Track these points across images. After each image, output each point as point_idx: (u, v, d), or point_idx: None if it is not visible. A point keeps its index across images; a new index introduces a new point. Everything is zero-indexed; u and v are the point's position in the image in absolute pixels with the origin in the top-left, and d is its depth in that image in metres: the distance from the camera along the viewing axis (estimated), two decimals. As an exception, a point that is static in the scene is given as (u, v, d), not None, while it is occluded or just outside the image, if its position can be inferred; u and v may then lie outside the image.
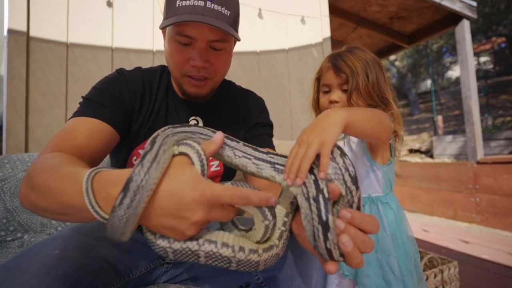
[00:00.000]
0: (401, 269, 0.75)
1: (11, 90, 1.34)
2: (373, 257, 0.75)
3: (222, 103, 0.82)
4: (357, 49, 0.88)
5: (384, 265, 0.75)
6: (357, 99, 0.82)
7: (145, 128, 0.72)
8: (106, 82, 0.69)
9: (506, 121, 8.27)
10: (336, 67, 0.84)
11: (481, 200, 2.94)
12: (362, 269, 0.74)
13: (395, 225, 0.81)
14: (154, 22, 1.68)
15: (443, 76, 13.77)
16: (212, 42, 0.65)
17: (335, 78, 0.85)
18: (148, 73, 0.75)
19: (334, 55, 0.88)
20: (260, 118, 0.85)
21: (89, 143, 0.57)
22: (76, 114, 0.62)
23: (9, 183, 0.98)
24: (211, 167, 0.80)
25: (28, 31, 1.39)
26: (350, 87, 0.81)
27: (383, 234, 0.78)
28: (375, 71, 0.83)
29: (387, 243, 0.77)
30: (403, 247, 0.79)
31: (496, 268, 1.81)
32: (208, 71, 0.68)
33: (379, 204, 0.82)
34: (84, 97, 0.66)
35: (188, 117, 0.76)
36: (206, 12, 0.60)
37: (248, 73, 1.92)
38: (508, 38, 10.68)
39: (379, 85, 0.83)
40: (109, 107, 0.64)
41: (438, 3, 2.90)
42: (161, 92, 0.75)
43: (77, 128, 0.58)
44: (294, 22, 2.10)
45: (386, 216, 0.81)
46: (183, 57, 0.65)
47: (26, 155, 1.06)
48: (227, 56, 0.71)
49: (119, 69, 0.73)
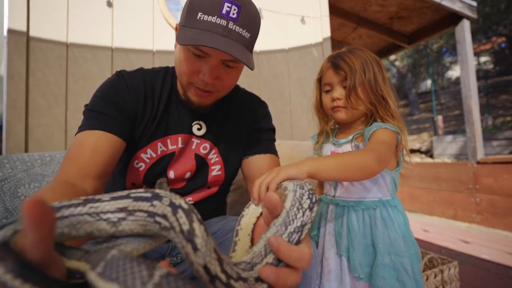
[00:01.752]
0: (414, 269, 0.77)
1: (11, 90, 1.34)
2: (387, 260, 0.76)
3: (226, 108, 0.81)
4: (357, 49, 0.89)
5: (398, 266, 0.76)
6: (355, 97, 0.83)
7: (148, 132, 0.71)
8: (107, 89, 0.68)
9: (506, 121, 8.27)
10: (335, 65, 0.86)
11: (481, 200, 2.94)
12: (377, 271, 0.75)
13: (405, 227, 0.82)
14: (154, 22, 1.68)
15: (443, 76, 13.76)
16: (226, 61, 0.64)
17: (335, 75, 0.86)
18: (150, 75, 0.74)
19: (334, 55, 0.90)
20: (263, 122, 0.85)
21: (95, 159, 0.58)
22: (81, 128, 0.63)
23: (9, 183, 0.98)
24: (212, 171, 0.79)
25: (28, 31, 1.39)
26: (349, 84, 0.82)
27: (395, 236, 0.79)
28: (373, 69, 0.84)
29: (399, 244, 0.78)
30: (413, 247, 0.80)
31: (496, 268, 1.81)
32: (215, 86, 0.67)
33: (389, 208, 0.83)
34: (86, 108, 0.66)
35: (191, 122, 0.76)
36: (227, 33, 0.59)
37: (248, 73, 1.92)
38: (508, 38, 10.68)
39: (377, 83, 0.84)
40: (113, 116, 0.64)
41: (438, 3, 2.90)
42: (164, 95, 0.74)
43: (82, 145, 0.59)
44: (294, 22, 2.10)
45: (396, 219, 0.82)
46: (194, 68, 0.65)
47: (26, 155, 1.06)
48: (236, 73, 0.70)
49: (119, 71, 0.72)
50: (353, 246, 0.80)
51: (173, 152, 0.74)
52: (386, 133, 0.79)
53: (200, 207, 0.80)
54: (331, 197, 0.90)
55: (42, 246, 0.21)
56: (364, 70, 0.83)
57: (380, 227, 0.80)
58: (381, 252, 0.77)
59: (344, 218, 0.85)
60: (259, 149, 0.80)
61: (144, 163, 0.73)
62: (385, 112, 0.85)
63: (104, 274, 0.23)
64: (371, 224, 0.82)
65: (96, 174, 0.58)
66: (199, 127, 0.76)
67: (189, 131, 0.75)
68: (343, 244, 0.83)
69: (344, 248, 0.82)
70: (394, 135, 0.80)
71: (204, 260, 0.28)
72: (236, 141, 0.81)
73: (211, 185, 0.81)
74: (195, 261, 0.29)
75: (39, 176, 1.03)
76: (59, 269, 0.24)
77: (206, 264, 0.29)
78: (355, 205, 0.84)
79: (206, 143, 0.78)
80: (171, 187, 0.76)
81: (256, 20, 0.65)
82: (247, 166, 0.81)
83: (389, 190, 0.86)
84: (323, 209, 0.93)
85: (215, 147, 0.79)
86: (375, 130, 0.80)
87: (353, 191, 0.86)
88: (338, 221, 0.86)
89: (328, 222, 0.89)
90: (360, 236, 0.81)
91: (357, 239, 0.81)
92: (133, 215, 0.31)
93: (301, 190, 0.40)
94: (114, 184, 0.78)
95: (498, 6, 9.24)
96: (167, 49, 1.68)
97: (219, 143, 0.79)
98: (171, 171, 0.75)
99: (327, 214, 0.91)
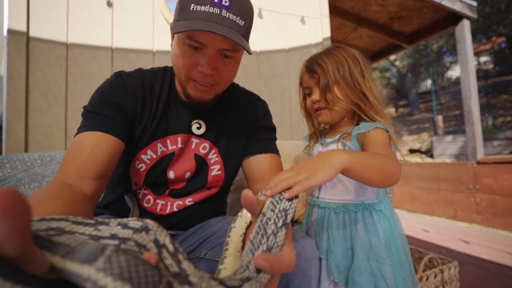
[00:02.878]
0: (395, 277, 0.74)
1: (11, 90, 1.34)
2: (365, 265, 0.74)
3: (225, 107, 0.81)
4: (333, 49, 0.88)
5: (376, 273, 0.73)
6: (331, 96, 0.83)
7: (147, 133, 0.71)
8: (104, 90, 0.67)
9: (506, 121, 8.27)
10: (309, 68, 0.87)
11: (481, 200, 2.94)
12: (353, 276, 0.73)
13: (389, 232, 0.79)
14: (154, 22, 1.68)
15: (443, 76, 13.77)
16: (223, 51, 0.64)
17: (311, 79, 0.87)
18: (149, 75, 0.74)
19: (309, 59, 0.90)
20: (263, 122, 0.84)
21: (94, 160, 0.58)
22: (80, 130, 0.62)
23: (9, 183, 0.98)
24: (212, 171, 0.79)
25: (28, 31, 1.39)
26: (322, 84, 0.83)
27: (376, 241, 0.77)
28: (348, 65, 0.84)
29: (381, 251, 0.75)
30: (397, 254, 0.77)
31: (496, 268, 1.81)
32: (214, 78, 0.67)
33: (373, 212, 0.81)
34: (85, 109, 0.66)
35: (190, 121, 0.76)
36: (221, 20, 0.59)
37: (248, 73, 1.92)
38: (508, 38, 10.67)
39: (354, 78, 0.83)
40: (111, 116, 0.64)
41: (438, 3, 2.90)
42: (163, 95, 0.73)
43: (81, 147, 0.59)
44: (294, 22, 2.10)
45: (380, 223, 0.80)
46: (191, 61, 0.64)
47: (26, 155, 1.06)
48: (235, 65, 0.70)
49: (118, 72, 0.71)
50: (331, 249, 0.79)
51: (173, 152, 0.74)
52: (382, 133, 0.77)
53: (200, 208, 0.80)
54: (315, 198, 0.89)
55: (16, 239, 0.19)
56: (338, 68, 0.83)
57: (360, 231, 0.78)
58: (359, 256, 0.75)
59: (324, 220, 0.84)
60: (260, 149, 0.80)
61: (145, 164, 0.73)
62: (368, 108, 0.84)
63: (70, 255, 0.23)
64: (351, 228, 0.80)
65: (95, 175, 0.58)
66: (198, 126, 0.76)
67: (188, 131, 0.75)
68: (323, 246, 0.81)
69: (323, 251, 0.81)
70: (381, 131, 0.78)
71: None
72: (236, 140, 0.81)
73: (211, 185, 0.81)
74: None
75: (39, 176, 1.03)
76: (40, 265, 0.22)
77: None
78: (335, 207, 0.83)
79: (205, 143, 0.77)
80: (172, 187, 0.76)
81: (248, 9, 0.65)
82: (248, 166, 0.80)
83: (375, 192, 0.83)
84: (309, 210, 0.92)
85: (215, 147, 0.79)
86: (369, 132, 0.78)
87: (335, 193, 0.84)
88: (319, 223, 0.86)
89: (311, 224, 0.89)
90: (340, 239, 0.80)
91: (336, 242, 0.79)
92: (125, 244, 0.31)
93: (271, 213, 0.40)
94: (114, 188, 0.78)
95: (498, 6, 9.24)
96: (167, 49, 1.68)
97: (219, 142, 0.79)
98: (171, 171, 0.75)
99: (311, 215, 0.90)
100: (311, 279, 0.56)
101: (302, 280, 0.54)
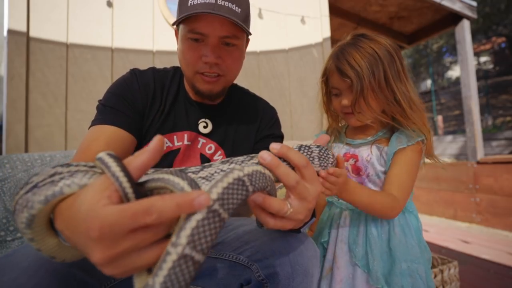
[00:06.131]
0: (427, 275, 0.74)
1: (11, 90, 1.34)
2: (404, 267, 0.73)
3: (232, 107, 0.82)
4: (365, 41, 0.79)
5: (414, 274, 0.73)
6: (364, 104, 0.76)
7: (155, 127, 0.72)
8: (119, 86, 0.70)
9: (506, 121, 8.27)
10: (340, 71, 0.77)
11: (481, 200, 2.94)
12: (395, 280, 0.72)
13: (419, 232, 0.79)
14: (154, 22, 1.68)
15: (443, 76, 13.77)
16: (224, 38, 0.66)
17: (342, 82, 0.78)
18: (161, 74, 0.77)
19: (338, 54, 0.80)
20: (272, 129, 0.85)
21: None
22: (94, 122, 0.65)
23: (9, 183, 0.98)
24: (213, 155, 0.78)
25: (28, 32, 1.39)
26: (355, 91, 0.74)
27: (411, 242, 0.75)
28: (383, 66, 0.75)
29: (416, 251, 0.75)
30: (426, 253, 0.77)
31: (496, 268, 1.81)
32: (220, 68, 0.69)
33: (406, 213, 0.80)
34: (100, 102, 0.68)
35: (198, 119, 0.77)
36: (217, 8, 0.62)
37: (248, 73, 1.92)
38: (508, 38, 10.68)
39: (388, 82, 0.76)
40: (125, 112, 0.67)
41: (438, 3, 2.90)
42: (172, 92, 0.75)
43: (96, 138, 0.61)
44: (294, 22, 2.10)
45: (413, 224, 0.79)
46: (196, 54, 0.67)
47: (26, 155, 1.06)
48: (239, 53, 0.71)
49: (133, 69, 0.75)
50: (373, 256, 0.75)
51: (179, 148, 0.75)
52: (413, 152, 0.75)
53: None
54: (345, 202, 0.80)
55: (145, 166, 0.32)
56: (372, 71, 0.74)
57: (398, 234, 0.76)
58: (398, 259, 0.73)
59: (360, 226, 0.80)
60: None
61: None
62: (401, 116, 0.77)
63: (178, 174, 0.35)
64: (389, 231, 0.77)
65: None
66: (205, 124, 0.77)
67: (195, 129, 0.76)
68: (359, 252, 0.77)
69: (360, 257, 0.77)
70: (418, 149, 0.75)
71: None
72: (243, 144, 0.81)
73: None
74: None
75: (39, 176, 1.03)
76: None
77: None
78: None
79: (211, 144, 0.78)
80: None
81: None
82: None
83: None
84: (335, 215, 0.86)
85: (221, 148, 0.79)
86: (398, 152, 0.76)
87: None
88: (353, 229, 0.81)
89: (340, 228, 0.83)
90: (378, 244, 0.77)
91: (376, 247, 0.76)
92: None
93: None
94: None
95: (498, 6, 9.25)
96: (167, 49, 1.68)
97: (225, 144, 0.79)
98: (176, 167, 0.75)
99: (339, 220, 0.84)
100: (313, 277, 0.56)
101: (304, 278, 0.54)
